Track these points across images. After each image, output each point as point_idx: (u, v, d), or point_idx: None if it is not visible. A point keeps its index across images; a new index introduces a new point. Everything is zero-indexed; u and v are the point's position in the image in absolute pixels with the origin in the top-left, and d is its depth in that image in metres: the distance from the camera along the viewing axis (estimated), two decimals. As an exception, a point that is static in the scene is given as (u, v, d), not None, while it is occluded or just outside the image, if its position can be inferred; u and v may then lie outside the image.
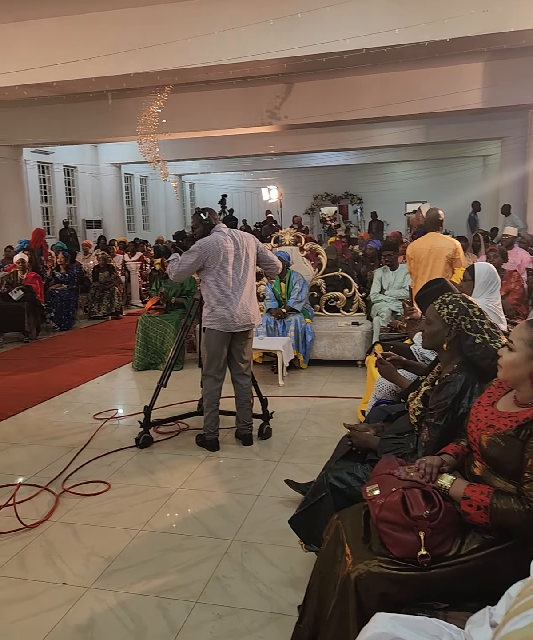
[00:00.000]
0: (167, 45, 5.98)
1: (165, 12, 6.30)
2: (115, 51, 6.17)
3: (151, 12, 6.38)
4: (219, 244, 3.50)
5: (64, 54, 6.53)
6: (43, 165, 14.30)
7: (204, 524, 2.83)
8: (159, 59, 6.20)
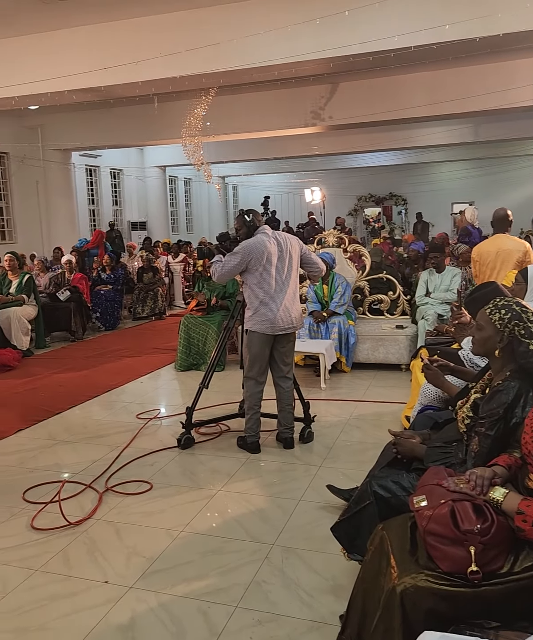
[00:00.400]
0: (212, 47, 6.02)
1: (211, 14, 6.34)
2: (161, 54, 6.24)
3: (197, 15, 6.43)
4: (263, 246, 3.48)
5: (112, 59, 6.65)
6: (90, 169, 14.62)
7: (244, 528, 2.82)
8: (205, 61, 6.24)
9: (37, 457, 3.75)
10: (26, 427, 4.27)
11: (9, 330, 6.49)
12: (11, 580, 2.45)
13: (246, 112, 10.38)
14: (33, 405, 4.73)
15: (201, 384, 3.91)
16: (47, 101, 7.75)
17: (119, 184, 15.79)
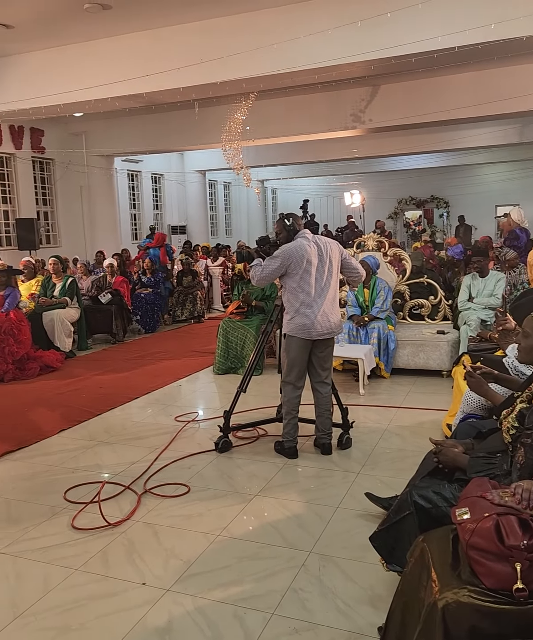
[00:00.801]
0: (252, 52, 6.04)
1: (251, 19, 6.37)
2: (202, 60, 6.30)
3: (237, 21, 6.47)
4: (303, 250, 3.47)
5: (154, 66, 6.75)
6: (132, 174, 14.88)
7: (281, 534, 2.80)
8: (245, 66, 6.27)
9: (78, 457, 3.82)
10: (68, 427, 4.35)
11: (52, 332, 6.65)
12: (52, 579, 2.49)
13: (286, 115, 10.39)
14: (75, 406, 4.83)
15: (239, 387, 3.92)
16: (91, 108, 7.93)
17: (159, 189, 16.03)
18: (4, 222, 11.59)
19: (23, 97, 7.62)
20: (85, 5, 6.23)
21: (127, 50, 7.08)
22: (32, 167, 12.05)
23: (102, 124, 12.08)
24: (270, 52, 6.04)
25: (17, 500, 3.22)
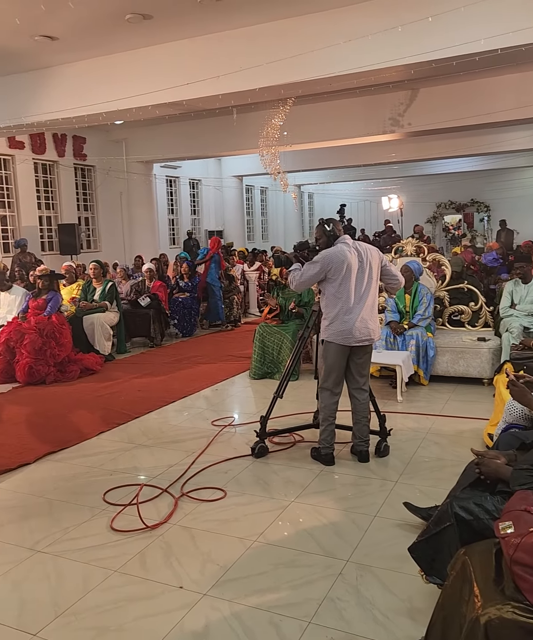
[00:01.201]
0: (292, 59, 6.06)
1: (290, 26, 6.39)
2: (241, 68, 6.35)
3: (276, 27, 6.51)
4: (343, 256, 3.45)
5: (194, 73, 6.84)
6: (170, 179, 15.11)
7: (317, 541, 2.78)
8: (284, 72, 6.29)
9: (117, 459, 3.88)
10: (107, 430, 4.43)
11: (92, 335, 6.78)
12: (91, 579, 2.53)
13: (323, 120, 10.39)
14: (114, 409, 4.91)
15: (275, 393, 3.92)
16: (132, 116, 8.08)
17: (197, 194, 16.22)
18: (47, 228, 11.91)
19: (67, 106, 7.83)
20: (126, 16, 6.37)
21: (167, 59, 7.20)
22: (74, 174, 12.36)
23: (141, 131, 12.32)
24: (309, 58, 6.05)
25: (59, 500, 3.29)
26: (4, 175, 10.93)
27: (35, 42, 7.04)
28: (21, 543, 2.85)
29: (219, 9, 6.18)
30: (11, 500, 3.31)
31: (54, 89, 8.09)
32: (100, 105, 7.52)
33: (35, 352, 5.88)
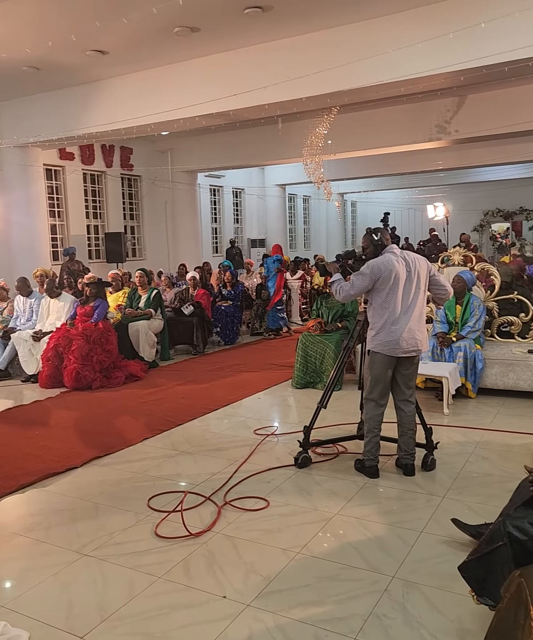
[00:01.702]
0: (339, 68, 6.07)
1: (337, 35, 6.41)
2: (288, 78, 6.40)
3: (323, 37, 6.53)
4: (391, 265, 3.41)
5: (241, 84, 6.92)
6: (214, 189, 15.29)
7: (362, 555, 2.73)
8: (330, 81, 6.31)
9: (161, 465, 3.91)
10: (152, 436, 4.48)
11: (137, 342, 6.89)
12: (136, 585, 2.55)
13: (368, 128, 10.35)
14: (157, 415, 4.96)
15: (319, 403, 3.89)
16: (179, 127, 8.23)
17: (240, 203, 16.37)
18: (94, 236, 12.21)
19: (116, 118, 8.04)
20: (175, 29, 6.51)
21: (213, 70, 7.32)
22: (121, 183, 12.65)
23: (186, 141, 12.52)
24: (357, 66, 6.04)
25: (105, 505, 3.34)
26: (54, 185, 11.27)
27: (87, 56, 7.27)
28: (69, 546, 2.90)
29: (265, 20, 6.25)
30: (60, 503, 3.38)
31: (103, 102, 8.33)
32: (148, 117, 7.68)
33: (82, 358, 6.01)
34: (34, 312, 6.92)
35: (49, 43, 6.17)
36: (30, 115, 9.05)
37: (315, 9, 5.96)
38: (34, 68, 7.64)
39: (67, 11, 5.87)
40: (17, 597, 2.50)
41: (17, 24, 6.15)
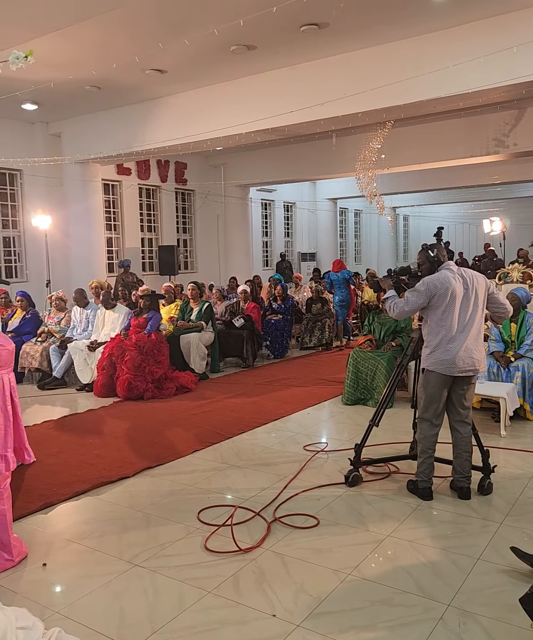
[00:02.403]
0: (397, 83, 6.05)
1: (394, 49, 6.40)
2: (346, 94, 6.42)
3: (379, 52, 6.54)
4: (448, 283, 3.35)
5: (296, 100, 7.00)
6: (266, 203, 15.44)
7: (415, 581, 2.66)
8: (387, 96, 6.30)
9: (210, 478, 3.93)
10: (201, 448, 4.51)
11: (188, 354, 6.98)
12: (186, 599, 2.56)
13: (423, 142, 10.26)
14: (207, 427, 5.00)
15: (371, 421, 3.83)
16: (234, 142, 8.38)
17: (291, 217, 16.46)
18: (148, 249, 12.51)
19: (173, 135, 8.26)
20: (231, 48, 6.66)
21: (269, 87, 7.43)
22: (174, 197, 12.95)
23: (240, 156, 12.73)
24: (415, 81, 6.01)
25: (156, 516, 3.37)
26: (111, 199, 11.63)
27: (146, 75, 7.52)
28: (120, 555, 2.93)
29: (321, 36, 6.32)
30: (112, 512, 3.43)
31: (161, 119, 8.57)
32: (205, 133, 7.85)
33: (135, 368, 6.13)
34: (90, 323, 7.11)
35: (113, 65, 6.40)
36: (90, 133, 9.41)
37: (372, 24, 5.99)
38: (96, 87, 7.96)
39: (131, 34, 6.11)
40: (71, 604, 2.54)
41: (84, 47, 6.43)
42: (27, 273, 10.32)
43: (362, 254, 19.49)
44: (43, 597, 2.60)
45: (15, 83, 7.16)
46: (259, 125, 7.35)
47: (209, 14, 5.63)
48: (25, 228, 10.21)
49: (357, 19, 5.85)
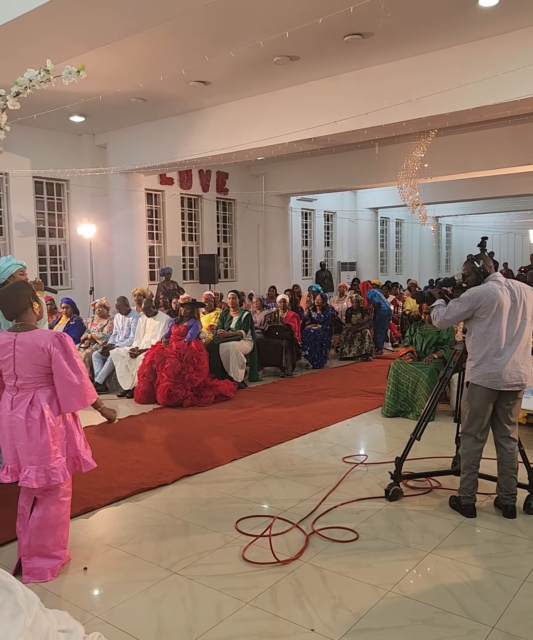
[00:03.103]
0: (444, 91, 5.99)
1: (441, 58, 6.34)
2: (390, 104, 6.39)
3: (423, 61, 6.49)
4: (494, 294, 3.27)
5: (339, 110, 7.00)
6: (306, 212, 15.46)
7: (458, 600, 2.58)
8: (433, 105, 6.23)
9: (249, 488, 3.92)
10: (240, 458, 4.50)
11: (227, 362, 7.01)
12: (224, 609, 2.55)
13: (468, 151, 10.12)
14: (245, 437, 4.99)
15: (413, 434, 3.76)
16: (276, 152, 8.43)
17: (331, 226, 16.43)
18: (188, 258, 12.67)
19: (216, 145, 8.37)
20: (275, 59, 6.72)
21: (312, 97, 7.46)
22: (215, 207, 13.09)
23: (280, 166, 12.80)
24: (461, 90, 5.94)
25: (194, 524, 3.38)
26: (154, 208, 11.85)
27: (190, 87, 7.65)
28: (159, 562, 2.95)
29: (365, 46, 6.32)
30: (151, 519, 3.46)
31: (204, 129, 8.70)
32: (247, 144, 7.93)
33: (175, 376, 6.19)
34: (132, 330, 7.23)
35: (160, 77, 6.54)
36: (135, 143, 9.63)
37: (417, 33, 5.95)
38: (141, 99, 8.15)
39: (178, 47, 6.23)
40: (110, 609, 2.56)
41: (132, 60, 6.59)
42: (72, 280, 10.58)
43: (402, 264, 19.28)
44: (83, 601, 2.63)
45: (65, 96, 7.39)
46: (301, 135, 7.38)
47: (254, 26, 5.70)
48: (71, 237, 10.49)
49: (401, 28, 5.82)
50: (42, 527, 2.83)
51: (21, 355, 2.81)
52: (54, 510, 2.87)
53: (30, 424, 2.79)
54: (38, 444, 2.78)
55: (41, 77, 2.48)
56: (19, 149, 9.37)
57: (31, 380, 2.84)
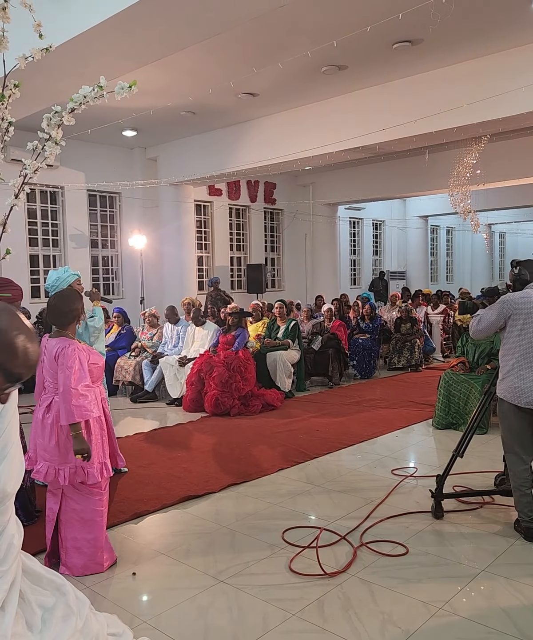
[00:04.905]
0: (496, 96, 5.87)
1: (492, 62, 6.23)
2: (440, 110, 6.31)
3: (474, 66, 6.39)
4: (526, 302, 3.13)
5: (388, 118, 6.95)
6: (354, 221, 15.37)
7: (514, 622, 2.48)
8: (484, 110, 6.11)
9: (296, 498, 3.88)
10: (287, 467, 4.48)
11: (274, 372, 7.01)
12: (270, 619, 2.52)
13: (521, 156, 9.86)
14: (292, 446, 4.96)
15: (455, 451, 3.61)
16: (324, 161, 8.44)
17: (380, 235, 16.28)
18: (236, 267, 12.78)
19: (264, 156, 8.44)
20: (322, 68, 6.74)
21: (360, 105, 7.44)
22: (263, 217, 13.18)
23: (328, 175, 12.79)
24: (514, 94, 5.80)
25: (241, 533, 3.37)
26: (202, 219, 12.03)
27: (239, 99, 7.76)
28: (206, 570, 2.96)
29: (413, 53, 6.26)
30: (199, 526, 3.47)
31: (252, 140, 8.80)
32: (295, 154, 7.97)
33: (222, 384, 6.23)
34: (180, 339, 7.33)
35: (209, 90, 6.67)
36: (184, 156, 9.83)
37: (467, 38, 5.87)
38: (191, 112, 8.32)
39: (226, 60, 6.34)
40: (158, 615, 2.58)
41: (181, 74, 6.75)
42: (123, 290, 10.84)
43: (454, 273, 18.89)
44: (132, 606, 2.66)
45: (118, 111, 7.62)
46: (350, 144, 7.36)
47: (301, 36, 5.75)
48: (123, 248, 10.76)
49: (451, 34, 5.75)
50: (69, 520, 2.93)
51: (44, 359, 2.96)
52: (80, 504, 2.94)
53: (44, 426, 2.93)
54: (49, 446, 2.91)
55: (95, 94, 2.56)
56: (74, 164, 9.71)
57: (52, 385, 2.97)
